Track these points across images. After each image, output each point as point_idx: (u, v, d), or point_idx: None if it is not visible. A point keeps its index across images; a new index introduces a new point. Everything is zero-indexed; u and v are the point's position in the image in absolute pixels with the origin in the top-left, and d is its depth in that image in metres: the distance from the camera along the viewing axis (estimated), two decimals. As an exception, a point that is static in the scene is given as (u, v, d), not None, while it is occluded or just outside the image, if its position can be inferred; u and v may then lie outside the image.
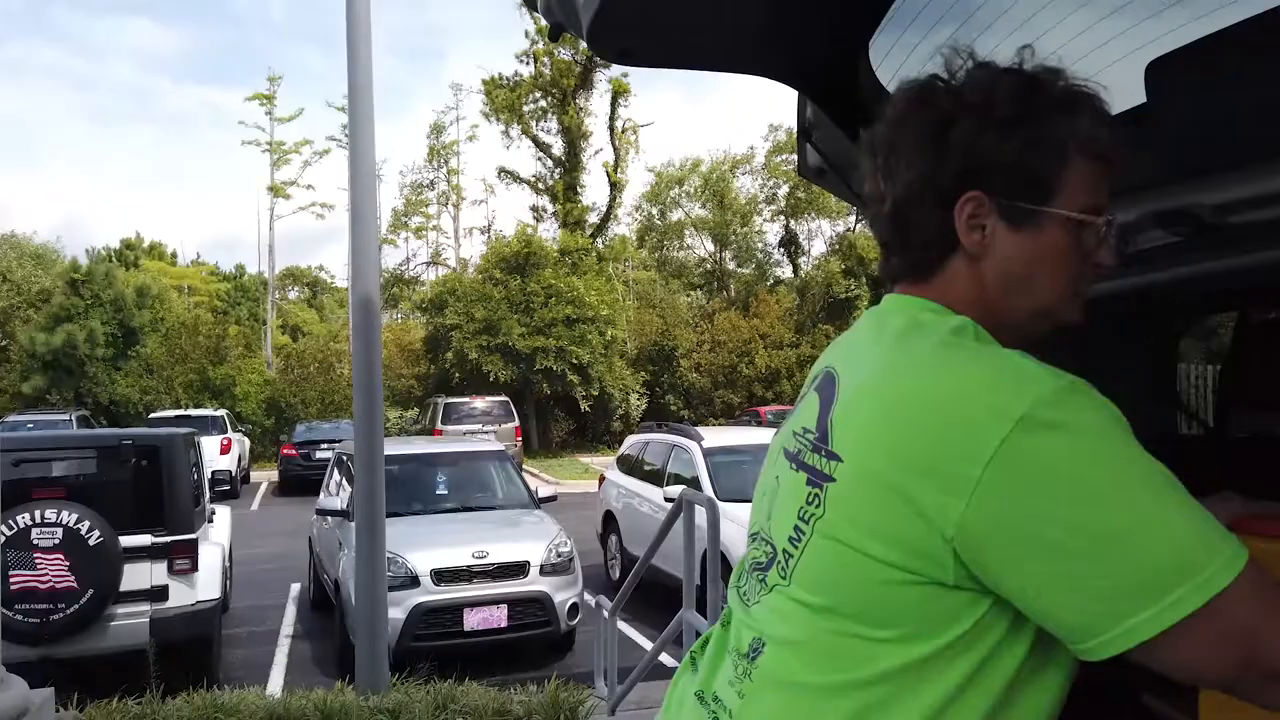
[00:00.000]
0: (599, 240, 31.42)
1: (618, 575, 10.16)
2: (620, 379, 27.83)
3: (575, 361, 25.88)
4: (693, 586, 4.14)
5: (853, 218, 34.18)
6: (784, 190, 35.14)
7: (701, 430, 9.80)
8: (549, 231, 32.01)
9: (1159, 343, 1.92)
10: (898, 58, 1.64)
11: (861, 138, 1.14)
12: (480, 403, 22.24)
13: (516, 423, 22.08)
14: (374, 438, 5.73)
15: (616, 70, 32.25)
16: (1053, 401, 0.89)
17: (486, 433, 20.17)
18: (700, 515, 4.23)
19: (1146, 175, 1.42)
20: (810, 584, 1.01)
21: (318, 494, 10.00)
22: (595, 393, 26.81)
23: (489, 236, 35.24)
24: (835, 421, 1.03)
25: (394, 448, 9.02)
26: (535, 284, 26.38)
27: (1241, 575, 0.85)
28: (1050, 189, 1.04)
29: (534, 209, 33.51)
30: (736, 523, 7.20)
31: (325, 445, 19.66)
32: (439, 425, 21.18)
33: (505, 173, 34.10)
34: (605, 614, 5.24)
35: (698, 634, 4.07)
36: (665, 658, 6.38)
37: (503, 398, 22.76)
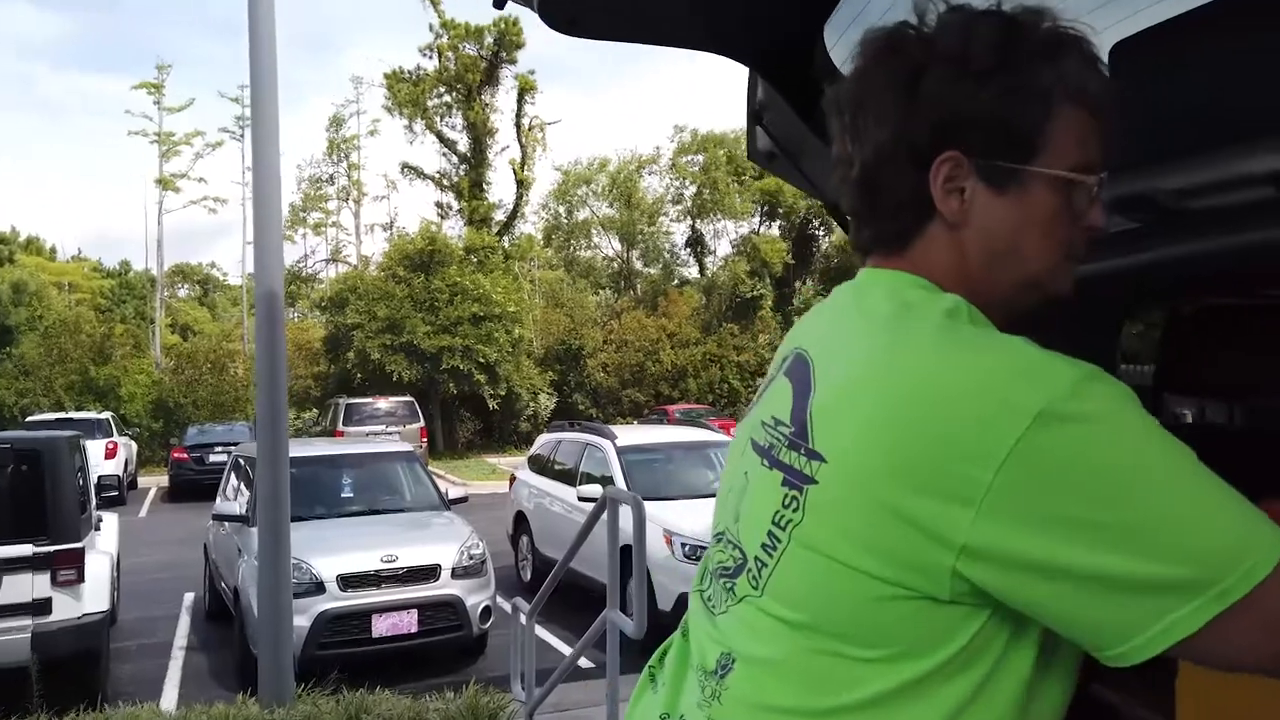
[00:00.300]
0: (505, 238, 31.10)
1: (529, 576, 10.02)
2: (528, 378, 27.60)
3: (482, 361, 25.52)
4: (616, 586, 4.06)
5: (757, 219, 34.67)
6: (690, 191, 35.38)
7: (615, 429, 9.74)
8: (454, 229, 31.58)
9: (1105, 332, 1.93)
10: (855, 37, 1.59)
11: (826, 95, 1.01)
12: (384, 403, 21.74)
13: (422, 423, 21.67)
14: (278, 439, 5.49)
15: (523, 66, 32.07)
16: (1071, 393, 0.79)
17: (391, 433, 19.73)
18: (625, 514, 4.16)
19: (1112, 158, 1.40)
20: (787, 598, 0.91)
21: (211, 499, 9.59)
22: (502, 392, 26.51)
23: (392, 233, 34.55)
24: (815, 415, 0.91)
25: (296, 449, 8.64)
26: (440, 282, 25.92)
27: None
28: (1034, 145, 0.91)
29: (439, 206, 33.02)
30: (654, 522, 7.15)
31: (219, 448, 18.92)
32: (341, 426, 20.63)
33: (409, 168, 33.50)
34: (523, 617, 5.13)
35: (622, 634, 4.00)
36: (584, 660, 6.30)
37: (407, 398, 22.29)
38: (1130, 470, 0.78)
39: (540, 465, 10.50)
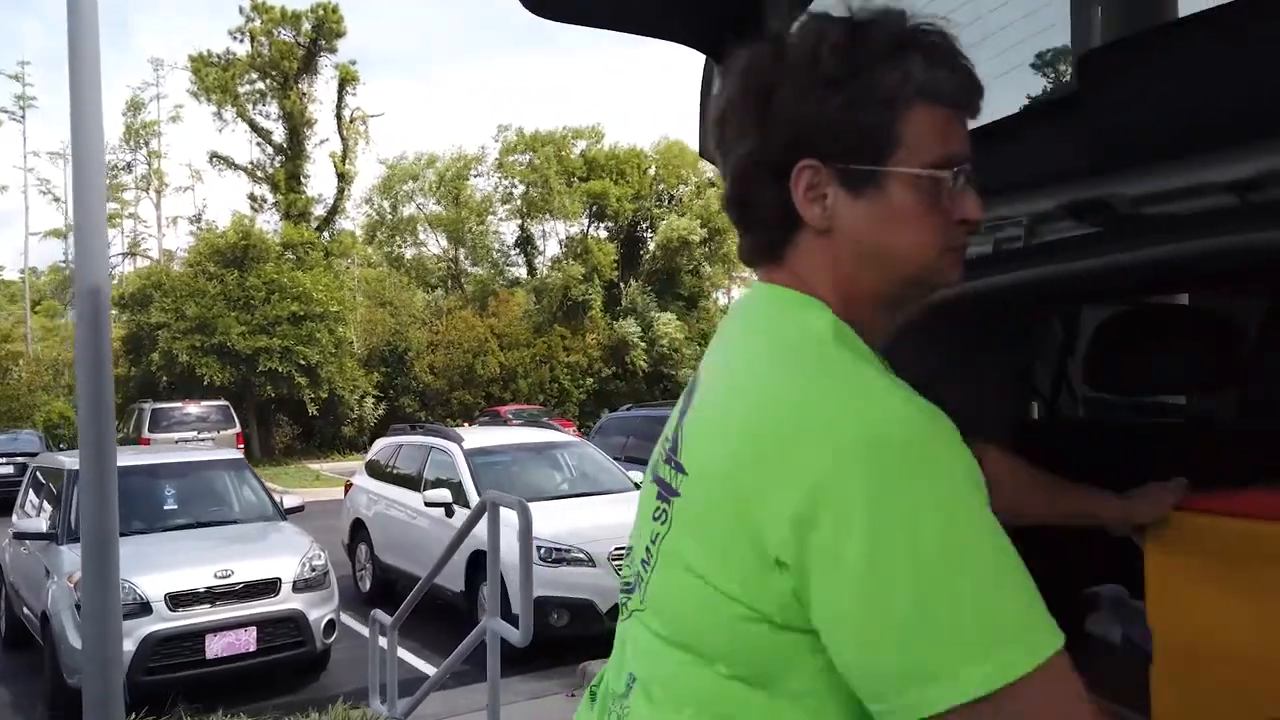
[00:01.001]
0: (326, 234, 29.84)
1: (369, 586, 9.64)
2: (352, 381, 26.57)
3: (303, 362, 24.37)
4: (497, 594, 3.95)
5: (586, 220, 34.79)
6: (519, 190, 35.10)
7: (461, 431, 9.51)
8: (270, 223, 30.03)
9: (1025, 330, 2.04)
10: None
11: (708, 116, 1.04)
12: (194, 408, 20.38)
13: (238, 428, 20.44)
14: (104, 448, 5.01)
15: (344, 56, 30.90)
16: (900, 436, 0.79)
17: (203, 440, 18.54)
18: (510, 517, 4.05)
19: (1069, 165, 1.46)
20: (661, 612, 0.91)
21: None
22: (325, 395, 25.41)
23: (199, 226, 32.43)
24: (686, 429, 0.94)
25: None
26: (256, 279, 24.57)
27: (1050, 663, 0.76)
28: (887, 146, 0.91)
29: (252, 198, 31.32)
30: (510, 526, 7.02)
31: (3, 459, 17.23)
32: (146, 434, 19.18)
33: (218, 158, 31.63)
34: (383, 629, 4.91)
35: (503, 642, 3.89)
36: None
37: (221, 402, 20.98)
38: (939, 527, 0.77)
39: (379, 471, 10.11)
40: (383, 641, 5.21)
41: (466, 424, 25.80)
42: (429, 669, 6.79)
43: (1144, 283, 1.79)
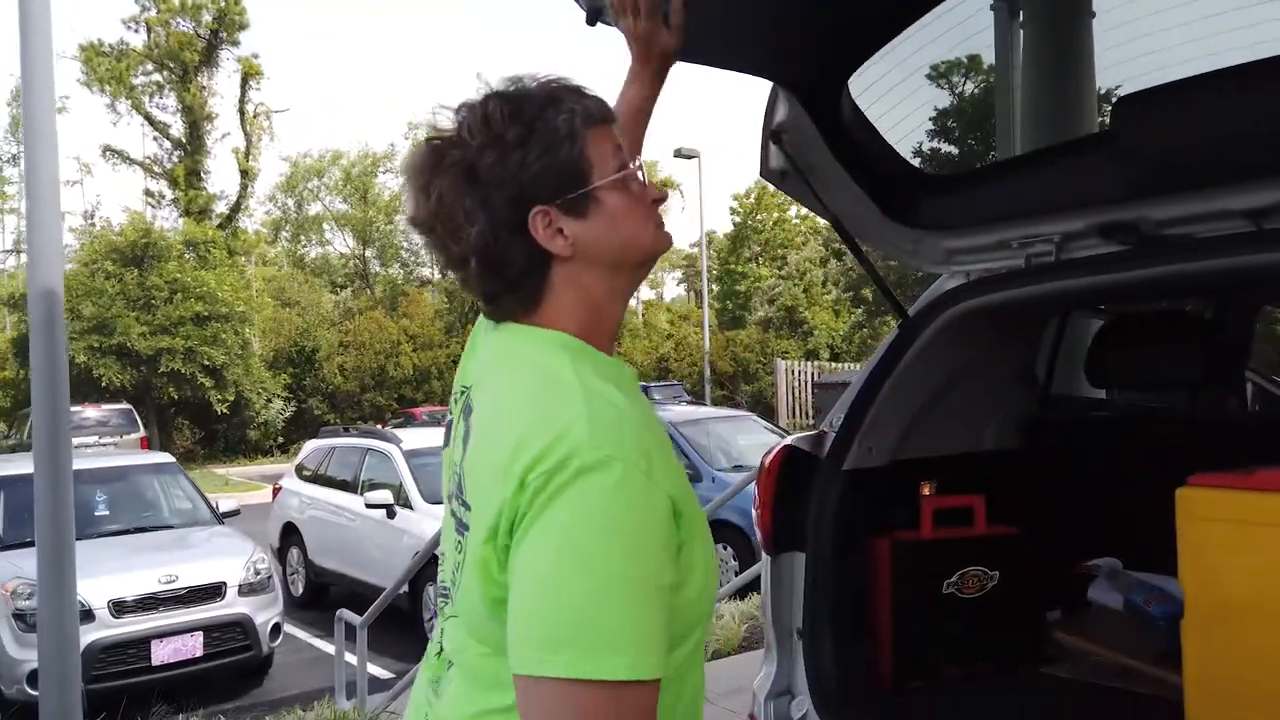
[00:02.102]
0: (228, 232, 28.94)
1: (301, 590, 9.53)
2: (259, 383, 25.86)
3: (208, 363, 23.63)
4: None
5: (497, 220, 34.58)
6: (430, 189, 34.64)
7: (398, 432, 9.48)
8: (168, 220, 28.97)
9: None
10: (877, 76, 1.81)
11: (408, 220, 1.19)
12: (94, 411, 19.59)
13: (142, 432, 19.74)
14: (59, 455, 4.91)
15: (246, 49, 30.04)
16: (569, 463, 0.96)
17: (105, 445, 17.84)
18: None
19: (1104, 191, 1.69)
20: (464, 616, 1.11)
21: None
22: (230, 397, 24.68)
23: (92, 223, 31.06)
24: (466, 469, 1.11)
25: (24, 467, 7.75)
26: (158, 278, 23.71)
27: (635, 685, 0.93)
28: (584, 171, 1.10)
29: (149, 194, 30.12)
30: (448, 525, 7.10)
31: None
32: (43, 438, 18.35)
33: (111, 152, 30.30)
34: (356, 627, 4.95)
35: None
36: (381, 671, 6.16)
37: (123, 405, 20.20)
38: (581, 547, 0.95)
39: (310, 474, 9.99)
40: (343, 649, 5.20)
41: (379, 425, 25.42)
42: (380, 671, 6.80)
43: (1164, 293, 2.05)
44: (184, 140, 29.49)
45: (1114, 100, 1.65)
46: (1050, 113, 6.57)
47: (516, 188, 1.08)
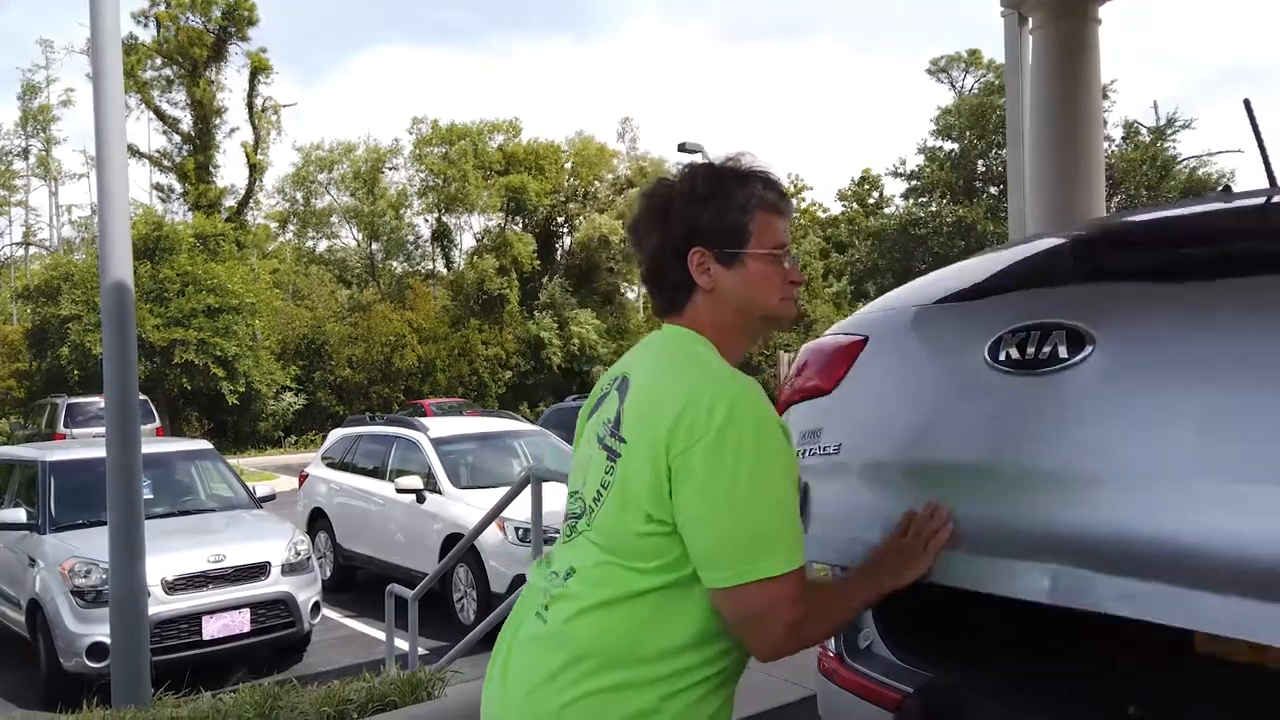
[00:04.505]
0: (238, 224, 29.21)
1: (329, 574, 9.84)
2: (269, 374, 26.16)
3: (220, 354, 23.94)
4: (540, 554, 4.37)
5: (502, 214, 34.84)
6: (435, 183, 34.90)
7: (425, 421, 9.80)
8: (177, 214, 29.26)
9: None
10: None
11: (626, 221, 1.71)
12: (110, 402, 19.88)
13: (157, 423, 20.03)
14: (129, 440, 5.29)
15: (255, 44, 30.26)
16: (730, 402, 1.36)
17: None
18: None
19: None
20: (601, 530, 1.46)
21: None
22: (241, 388, 24.99)
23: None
24: (625, 414, 1.47)
25: (82, 451, 8.09)
26: (170, 271, 24.00)
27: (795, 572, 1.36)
28: (744, 238, 1.51)
29: (159, 188, 30.45)
30: (477, 507, 7.38)
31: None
32: (61, 429, 18.67)
33: (122, 146, 30.51)
34: (409, 600, 5.28)
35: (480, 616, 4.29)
36: (420, 648, 6.44)
37: (140, 396, 20.50)
38: (749, 463, 1.35)
39: (335, 462, 10.31)
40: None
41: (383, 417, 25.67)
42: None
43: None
44: (193, 134, 29.78)
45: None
46: (1058, 111, 6.91)
47: (689, 227, 1.51)
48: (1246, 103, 1.98)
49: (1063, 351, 1.56)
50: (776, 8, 79.96)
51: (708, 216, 1.51)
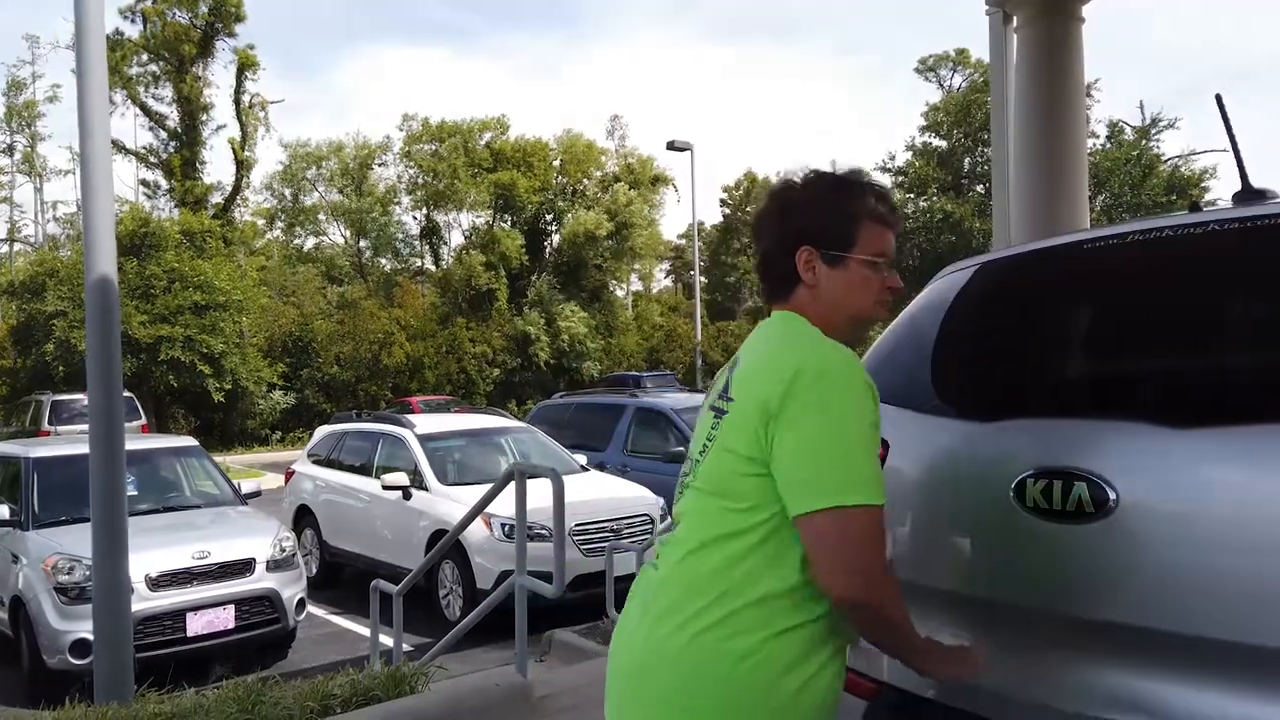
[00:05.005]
0: (225, 221, 29.08)
1: (315, 571, 9.83)
2: (256, 372, 26.05)
3: (207, 351, 23.82)
4: (524, 553, 4.38)
5: (491, 212, 34.77)
6: (424, 180, 34.79)
7: (412, 418, 9.79)
8: (164, 210, 29.11)
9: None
10: None
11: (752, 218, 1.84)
12: (96, 399, 19.76)
13: (143, 420, 19.94)
14: (113, 434, 5.26)
15: (243, 40, 30.12)
16: (825, 363, 1.55)
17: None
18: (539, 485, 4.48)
19: None
20: (705, 477, 1.66)
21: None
22: (228, 386, 24.87)
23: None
24: (733, 380, 1.68)
25: (66, 448, 8.06)
26: (156, 267, 23.87)
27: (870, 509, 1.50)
28: (851, 243, 1.68)
29: (145, 184, 30.28)
30: (463, 504, 7.37)
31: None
32: (46, 425, 18.57)
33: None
34: (393, 596, 5.28)
35: (530, 595, 4.32)
36: (405, 644, 6.45)
37: (125, 393, 20.39)
38: (836, 412, 1.53)
39: (322, 459, 10.29)
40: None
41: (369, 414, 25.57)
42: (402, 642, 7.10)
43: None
44: (180, 131, 29.63)
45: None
46: (1041, 110, 6.94)
47: (803, 227, 1.70)
48: (1218, 97, 2.00)
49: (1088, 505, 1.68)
50: (765, 8, 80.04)
51: (820, 220, 1.68)
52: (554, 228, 35.74)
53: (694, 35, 76.76)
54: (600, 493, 8.59)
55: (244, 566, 6.92)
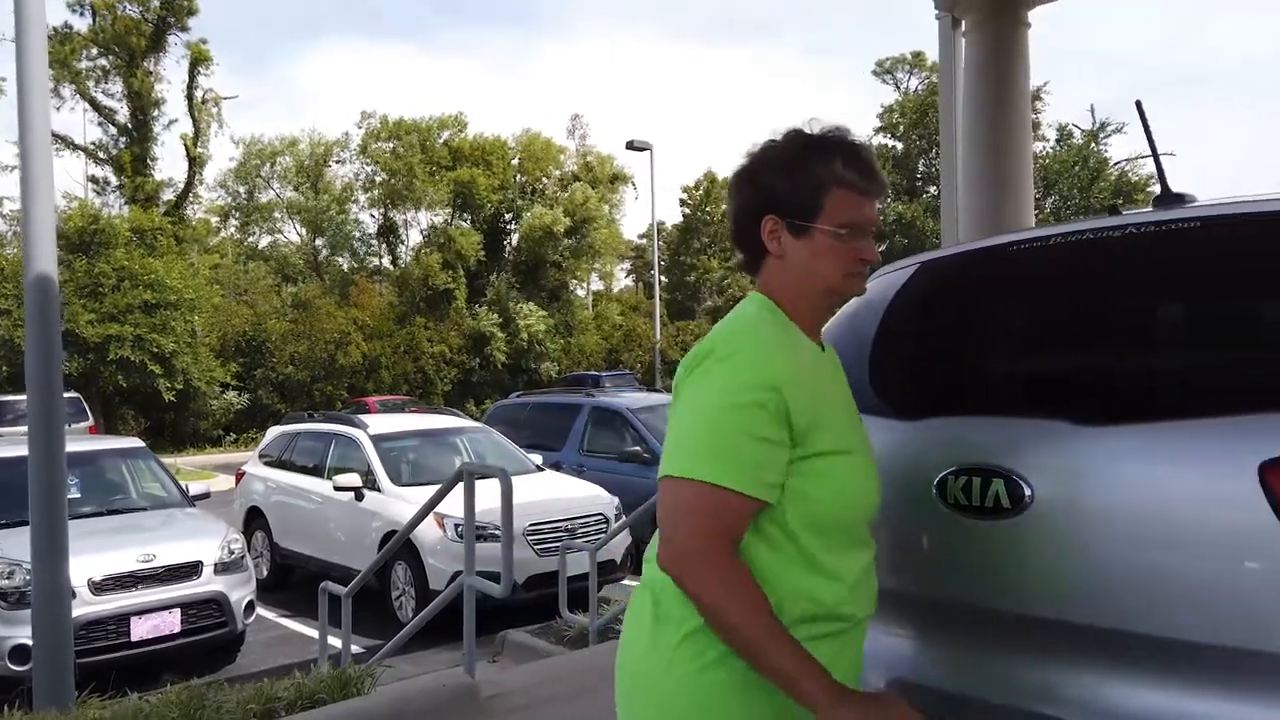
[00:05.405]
0: (176, 219, 28.58)
1: (265, 573, 9.70)
2: (208, 372, 25.64)
3: (157, 351, 23.40)
4: (472, 553, 4.37)
5: (450, 210, 34.55)
6: (381, 178, 34.47)
7: (365, 418, 9.70)
8: (114, 207, 28.54)
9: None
10: None
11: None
12: (41, 400, 19.34)
13: (90, 421, 19.58)
14: (53, 437, 5.16)
15: (195, 34, 29.63)
16: (717, 345, 1.50)
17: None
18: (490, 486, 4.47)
19: None
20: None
21: None
22: (179, 386, 24.46)
23: (33, 209, 30.36)
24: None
25: (4, 450, 7.89)
26: (105, 265, 23.41)
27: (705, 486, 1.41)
28: (815, 211, 1.54)
29: (93, 180, 29.67)
30: (416, 505, 7.31)
31: None
32: (-12, 426, 18.15)
33: (55, 137, 29.65)
34: (342, 597, 5.23)
35: (483, 595, 4.31)
36: (354, 646, 6.41)
37: (71, 393, 19.98)
38: (706, 396, 1.47)
39: (273, 460, 10.17)
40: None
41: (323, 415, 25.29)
42: (353, 646, 7.04)
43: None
44: (130, 126, 29.08)
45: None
46: (988, 113, 7.05)
47: (766, 195, 1.57)
48: (1138, 104, 2.05)
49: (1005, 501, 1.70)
50: (730, 8, 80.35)
51: (784, 187, 1.55)
52: (513, 226, 35.60)
53: (657, 35, 76.85)
54: (554, 492, 8.58)
55: (190, 569, 6.82)
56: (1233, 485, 1.45)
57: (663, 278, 37.83)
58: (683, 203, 43.31)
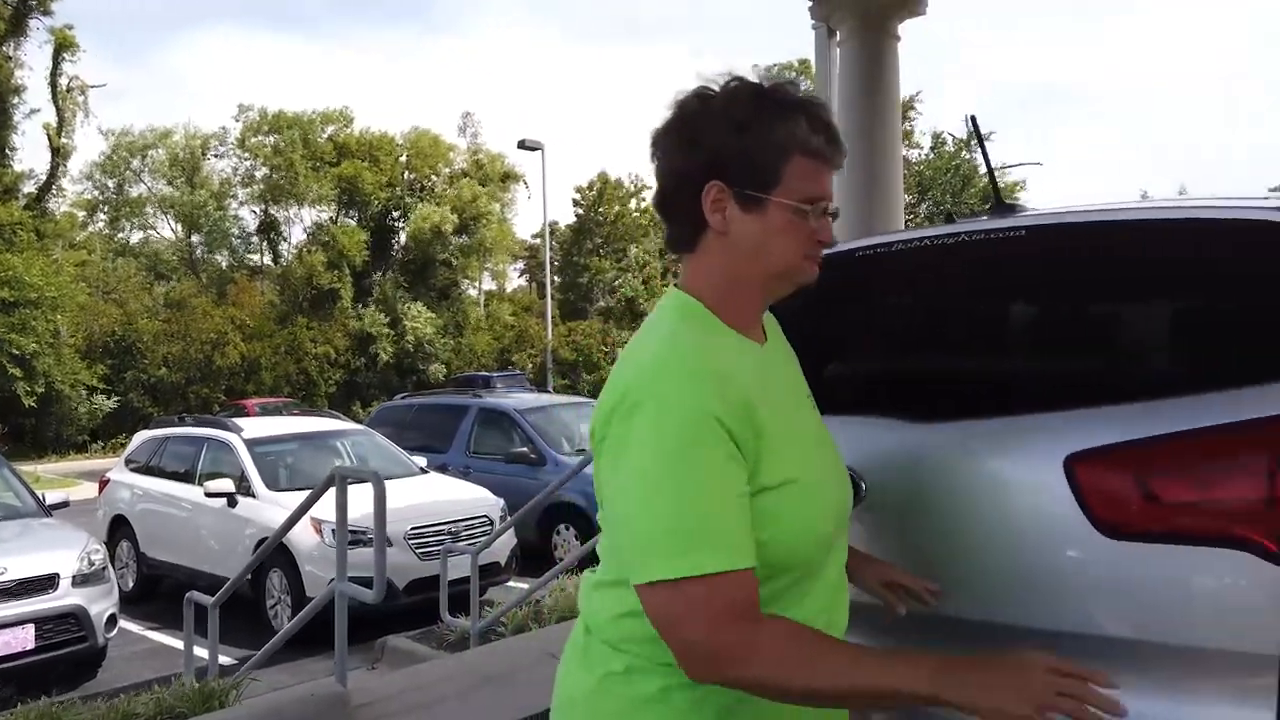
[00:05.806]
0: (38, 212, 27.03)
1: (131, 585, 9.27)
2: (72, 374, 24.34)
3: (16, 353, 22.10)
4: (345, 558, 4.28)
5: (335, 207, 33.69)
6: (262, 173, 33.35)
7: (239, 421, 9.37)
8: (-34, 200, 26.79)
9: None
10: None
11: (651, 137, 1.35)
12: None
13: (-60, 427, 18.34)
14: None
15: (60, 19, 28.10)
16: (641, 389, 1.19)
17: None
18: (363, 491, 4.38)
19: None
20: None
21: None
22: (40, 389, 23.15)
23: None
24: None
25: None
26: (-43, 261, 22.02)
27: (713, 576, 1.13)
28: (772, 181, 1.26)
29: (-57, 171, 27.74)
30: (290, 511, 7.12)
31: None
32: None
33: (-101, 124, 27.72)
34: (209, 607, 5.04)
35: (356, 601, 4.22)
36: (223, 658, 6.22)
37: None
38: (650, 458, 1.17)
39: (140, 466, 9.73)
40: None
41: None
42: (223, 658, 6.80)
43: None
44: (-14, 114, 27.35)
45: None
46: (861, 120, 7.29)
47: (709, 157, 1.27)
48: (971, 119, 2.15)
49: None
50: (619, 10, 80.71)
51: (735, 148, 1.26)
52: (401, 225, 34.95)
53: (554, 36, 76.55)
54: (438, 495, 8.47)
55: (46, 582, 6.47)
56: (1043, 477, 1.55)
57: (556, 278, 37.76)
58: (576, 203, 43.25)
